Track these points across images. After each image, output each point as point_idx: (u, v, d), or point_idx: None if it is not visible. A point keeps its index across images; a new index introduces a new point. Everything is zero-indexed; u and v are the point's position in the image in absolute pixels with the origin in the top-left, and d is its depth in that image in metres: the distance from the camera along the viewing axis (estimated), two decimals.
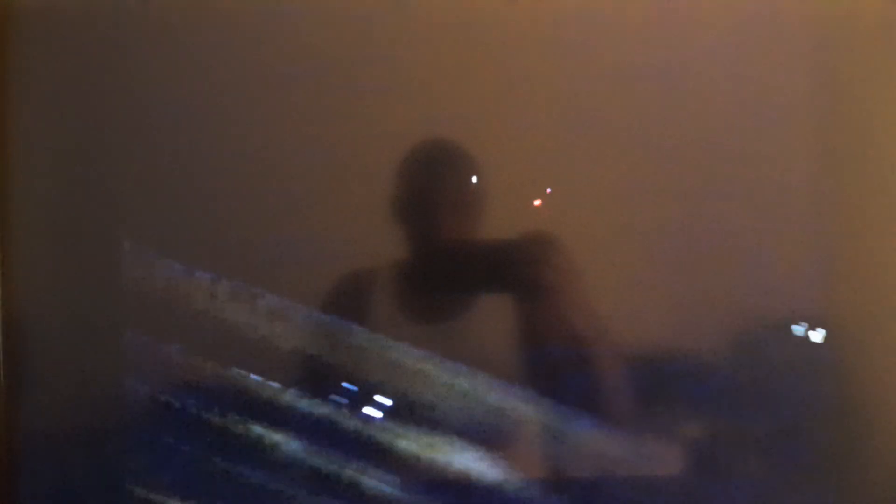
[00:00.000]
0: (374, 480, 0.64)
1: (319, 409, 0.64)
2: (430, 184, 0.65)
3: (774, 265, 0.65)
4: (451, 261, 0.65)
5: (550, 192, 0.64)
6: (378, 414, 0.64)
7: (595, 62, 0.65)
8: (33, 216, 0.65)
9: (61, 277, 0.65)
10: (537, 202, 0.64)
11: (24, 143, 0.65)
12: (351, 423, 0.64)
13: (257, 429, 0.64)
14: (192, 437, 0.64)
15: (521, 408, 0.65)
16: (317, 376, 0.64)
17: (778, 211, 0.65)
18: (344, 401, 0.64)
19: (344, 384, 0.64)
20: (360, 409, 0.64)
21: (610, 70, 0.65)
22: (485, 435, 0.64)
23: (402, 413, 0.64)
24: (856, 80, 0.66)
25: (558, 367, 0.65)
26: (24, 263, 0.65)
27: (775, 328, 0.65)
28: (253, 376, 0.64)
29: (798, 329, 0.65)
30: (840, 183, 0.66)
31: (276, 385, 0.64)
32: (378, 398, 0.64)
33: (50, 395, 0.64)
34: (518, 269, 0.64)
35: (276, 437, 0.64)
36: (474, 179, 0.65)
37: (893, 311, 0.65)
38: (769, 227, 0.65)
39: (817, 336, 0.65)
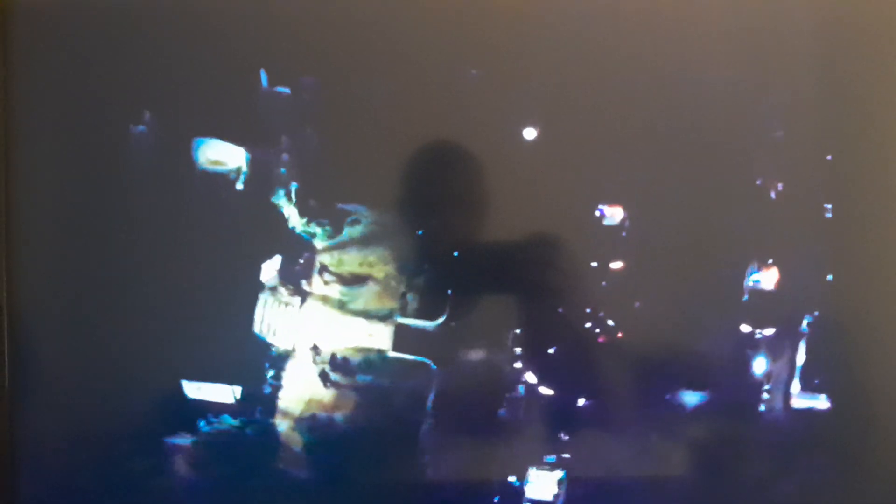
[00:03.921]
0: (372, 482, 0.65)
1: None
2: (435, 185, 0.65)
3: (778, 265, 0.65)
4: (455, 262, 0.65)
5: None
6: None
7: (598, 61, 0.65)
8: (35, 217, 0.65)
9: (62, 277, 0.65)
10: None
11: (24, 144, 0.64)
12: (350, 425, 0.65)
13: (257, 432, 0.65)
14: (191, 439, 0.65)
15: (523, 407, 0.65)
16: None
17: (779, 210, 0.66)
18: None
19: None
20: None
21: (612, 70, 0.65)
22: (487, 434, 0.65)
23: (406, 410, 0.65)
24: (859, 78, 0.66)
25: (561, 367, 0.65)
26: (27, 263, 0.64)
27: (776, 328, 0.66)
28: (253, 379, 0.65)
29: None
30: (843, 181, 0.66)
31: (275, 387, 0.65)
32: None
33: (53, 397, 0.65)
34: (521, 270, 0.64)
35: (274, 441, 0.65)
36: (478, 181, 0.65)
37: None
38: (771, 226, 0.66)
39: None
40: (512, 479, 0.65)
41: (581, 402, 0.65)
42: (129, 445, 0.65)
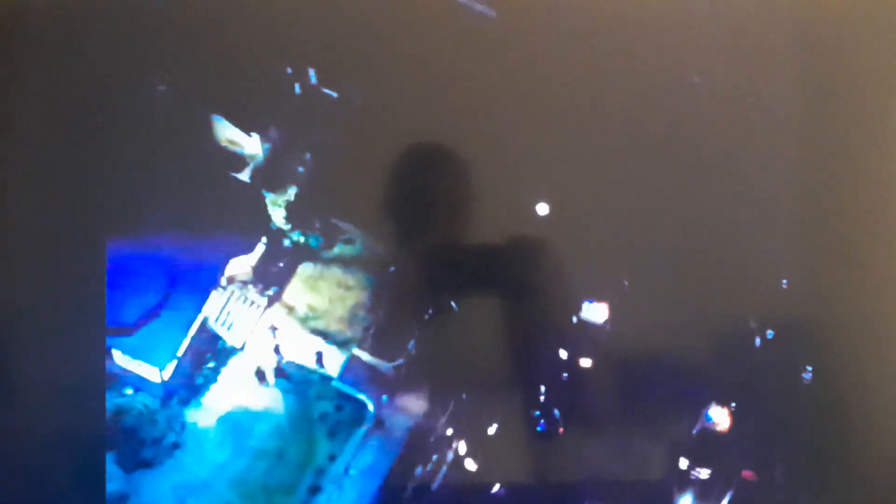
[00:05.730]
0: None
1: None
2: (423, 186, 0.65)
3: (766, 266, 0.66)
4: (441, 263, 0.65)
5: None
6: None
7: (588, 64, 0.65)
8: (19, 217, 0.64)
9: (51, 278, 0.64)
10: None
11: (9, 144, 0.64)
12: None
13: (251, 433, 0.65)
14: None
15: (509, 409, 0.65)
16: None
17: (772, 212, 0.66)
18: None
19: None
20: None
21: (602, 72, 0.65)
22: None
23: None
24: (845, 79, 0.66)
25: (545, 368, 0.65)
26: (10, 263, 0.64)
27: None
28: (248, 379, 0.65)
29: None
30: (830, 184, 0.66)
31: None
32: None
33: (30, 397, 0.64)
34: (507, 272, 0.64)
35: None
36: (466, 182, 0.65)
37: (884, 309, 0.66)
38: (761, 228, 0.66)
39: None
40: None
41: (496, 487, 0.65)
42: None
